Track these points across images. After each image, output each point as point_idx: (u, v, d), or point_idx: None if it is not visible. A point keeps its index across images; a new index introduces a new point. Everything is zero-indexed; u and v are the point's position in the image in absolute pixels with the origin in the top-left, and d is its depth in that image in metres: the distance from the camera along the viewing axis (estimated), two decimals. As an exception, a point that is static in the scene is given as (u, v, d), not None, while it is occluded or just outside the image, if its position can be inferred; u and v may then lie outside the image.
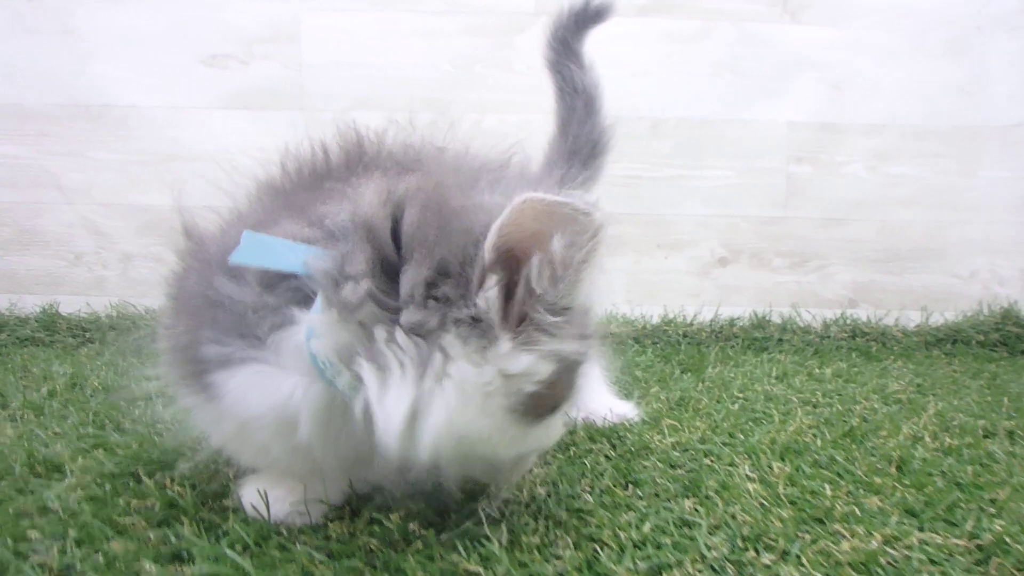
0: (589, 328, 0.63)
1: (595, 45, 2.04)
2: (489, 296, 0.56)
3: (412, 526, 0.68)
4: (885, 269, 2.14)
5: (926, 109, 2.10)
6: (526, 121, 1.99)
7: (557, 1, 2.03)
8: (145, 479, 0.79)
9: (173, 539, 0.63)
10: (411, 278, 0.56)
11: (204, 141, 2.07)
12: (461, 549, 0.63)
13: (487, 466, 0.68)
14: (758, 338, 1.95)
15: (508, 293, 0.57)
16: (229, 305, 0.62)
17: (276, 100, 2.08)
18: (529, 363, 0.57)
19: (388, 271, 0.57)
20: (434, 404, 0.55)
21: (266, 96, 2.08)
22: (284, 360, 0.60)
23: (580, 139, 1.12)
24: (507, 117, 2.05)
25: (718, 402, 1.27)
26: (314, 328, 0.58)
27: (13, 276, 2.05)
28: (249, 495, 0.70)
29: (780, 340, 1.95)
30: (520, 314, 0.57)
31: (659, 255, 2.11)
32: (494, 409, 0.57)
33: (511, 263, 0.56)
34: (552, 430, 0.67)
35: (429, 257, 0.56)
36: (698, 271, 2.13)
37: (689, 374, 1.54)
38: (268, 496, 0.69)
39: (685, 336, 1.95)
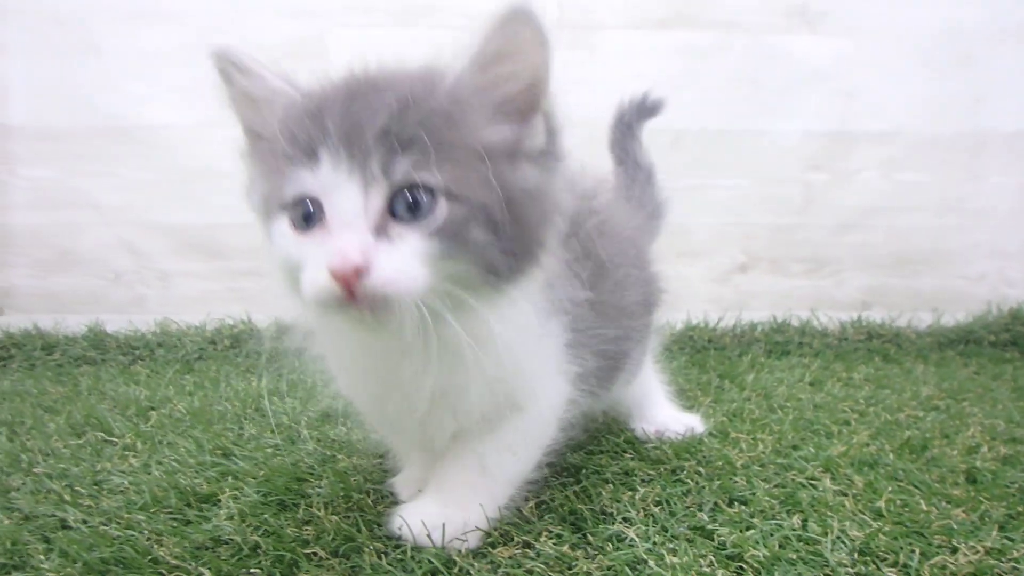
0: None
1: (619, 59, 2.12)
2: None
3: (564, 549, 0.75)
4: (897, 272, 2.24)
5: (935, 118, 2.19)
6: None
7: (580, 14, 2.12)
8: (293, 507, 0.86)
9: (368, 569, 0.69)
10: None
11: (233, 158, 2.09)
12: (627, 569, 0.70)
13: None
14: (779, 342, 2.04)
15: None
16: None
17: (304, 116, 2.11)
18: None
19: None
20: None
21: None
22: None
23: (643, 201, 1.27)
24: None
25: (771, 412, 1.35)
26: None
27: (55, 296, 2.08)
28: (414, 523, 0.76)
29: (800, 344, 2.04)
30: None
31: (681, 264, 2.18)
32: None
33: None
34: None
35: None
36: (719, 278, 2.22)
37: (727, 381, 1.61)
38: (430, 524, 0.75)
39: (710, 342, 2.03)
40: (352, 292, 0.59)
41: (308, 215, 0.64)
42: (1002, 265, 2.25)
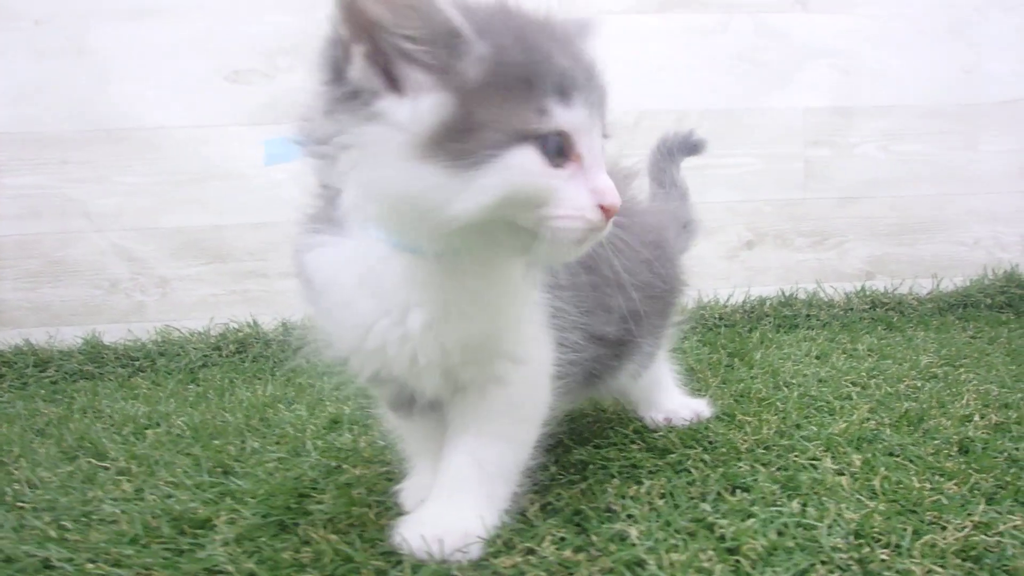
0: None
1: (622, 43, 2.11)
2: (357, 67, 0.66)
3: (566, 553, 0.75)
4: (897, 241, 2.28)
5: (930, 89, 2.23)
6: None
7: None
8: (293, 527, 0.86)
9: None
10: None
11: (234, 158, 2.06)
12: (626, 571, 0.70)
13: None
14: (788, 316, 2.06)
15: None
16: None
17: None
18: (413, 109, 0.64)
19: None
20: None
21: (293, 109, 2.08)
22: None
23: (678, 215, 1.31)
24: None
25: (777, 390, 1.35)
26: None
27: (48, 308, 2.06)
28: (414, 537, 0.76)
29: (808, 316, 2.06)
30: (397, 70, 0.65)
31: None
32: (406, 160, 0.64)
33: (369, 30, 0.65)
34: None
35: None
36: (727, 255, 2.24)
37: (737, 360, 1.62)
38: (430, 537, 0.75)
39: (721, 319, 2.04)
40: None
41: (559, 150, 0.65)
42: (996, 230, 2.30)
